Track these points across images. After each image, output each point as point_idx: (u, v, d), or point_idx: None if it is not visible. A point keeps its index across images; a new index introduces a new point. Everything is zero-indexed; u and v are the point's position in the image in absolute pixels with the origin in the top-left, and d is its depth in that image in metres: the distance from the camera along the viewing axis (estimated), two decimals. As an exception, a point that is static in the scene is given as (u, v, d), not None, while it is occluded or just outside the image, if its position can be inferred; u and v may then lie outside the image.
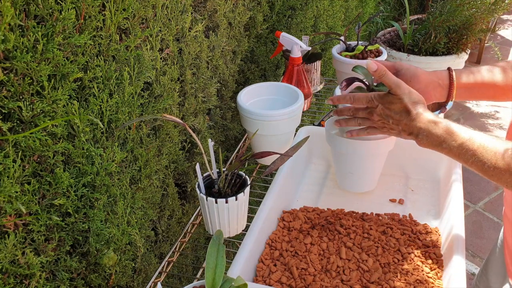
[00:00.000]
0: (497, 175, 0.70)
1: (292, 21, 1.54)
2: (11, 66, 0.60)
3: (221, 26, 1.15)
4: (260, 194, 1.12)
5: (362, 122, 0.87)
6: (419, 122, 0.77)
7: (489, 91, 0.89)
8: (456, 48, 2.77)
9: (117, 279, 0.89)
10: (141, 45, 0.86)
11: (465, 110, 3.17)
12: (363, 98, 0.85)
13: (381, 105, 0.82)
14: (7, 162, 0.61)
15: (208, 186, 0.90)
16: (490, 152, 0.70)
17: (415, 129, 0.78)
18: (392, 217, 0.96)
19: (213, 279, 0.61)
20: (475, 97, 0.93)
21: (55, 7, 0.64)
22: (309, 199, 1.04)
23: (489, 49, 3.71)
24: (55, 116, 0.68)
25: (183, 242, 0.98)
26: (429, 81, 0.89)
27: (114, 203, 0.84)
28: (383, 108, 0.81)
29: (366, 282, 0.81)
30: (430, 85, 0.89)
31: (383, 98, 0.82)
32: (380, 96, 0.82)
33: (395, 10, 3.24)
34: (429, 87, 0.89)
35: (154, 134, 0.96)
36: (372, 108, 0.84)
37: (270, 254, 0.87)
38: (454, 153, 0.74)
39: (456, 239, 0.82)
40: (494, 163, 0.69)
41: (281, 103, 1.15)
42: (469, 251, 2.06)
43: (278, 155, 0.83)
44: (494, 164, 0.69)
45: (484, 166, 0.70)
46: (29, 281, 0.69)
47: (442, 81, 0.89)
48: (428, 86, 0.89)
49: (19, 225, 0.66)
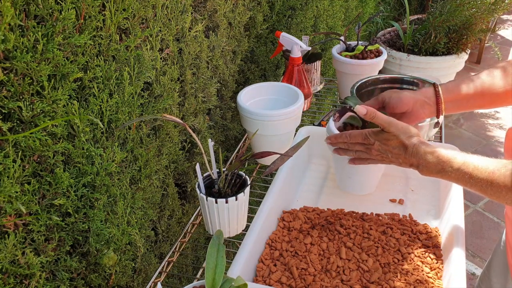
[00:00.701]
0: (495, 193, 0.72)
1: (292, 21, 1.54)
2: (11, 66, 0.60)
3: (221, 26, 1.15)
4: (260, 194, 1.12)
5: (360, 154, 0.89)
6: (417, 154, 0.80)
7: (491, 97, 0.90)
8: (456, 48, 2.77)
9: (117, 279, 0.89)
10: (141, 45, 0.86)
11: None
12: (358, 135, 0.87)
13: (378, 142, 0.84)
14: (7, 162, 0.61)
15: (208, 186, 0.90)
16: (483, 172, 0.72)
17: (414, 162, 0.81)
18: (392, 217, 0.96)
19: (213, 279, 0.61)
20: (476, 106, 0.94)
21: (55, 7, 0.64)
22: (309, 199, 1.04)
23: (489, 49, 3.71)
24: (55, 116, 0.68)
25: (183, 242, 0.98)
26: (415, 101, 0.91)
27: (114, 203, 0.84)
28: (381, 144, 0.84)
29: (366, 282, 0.81)
30: (416, 105, 0.91)
31: (378, 135, 0.84)
32: (375, 133, 0.85)
33: (395, 10, 3.24)
34: (416, 106, 0.91)
35: (154, 134, 0.96)
36: (369, 144, 0.86)
37: (270, 254, 0.87)
38: (454, 178, 0.76)
39: (456, 239, 0.82)
40: (489, 182, 0.71)
41: (281, 103, 1.15)
42: (469, 251, 2.06)
43: (278, 155, 0.83)
44: (490, 183, 0.71)
45: (482, 187, 0.72)
46: (29, 281, 0.69)
47: (428, 99, 0.92)
48: (414, 106, 0.91)
49: (19, 225, 0.66)
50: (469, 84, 0.90)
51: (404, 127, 0.82)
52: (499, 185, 0.70)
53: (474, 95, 0.90)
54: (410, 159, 0.81)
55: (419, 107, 0.91)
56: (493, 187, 0.71)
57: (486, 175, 0.72)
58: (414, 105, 0.91)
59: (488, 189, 0.72)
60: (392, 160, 0.84)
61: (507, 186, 0.69)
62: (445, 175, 0.77)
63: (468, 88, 0.90)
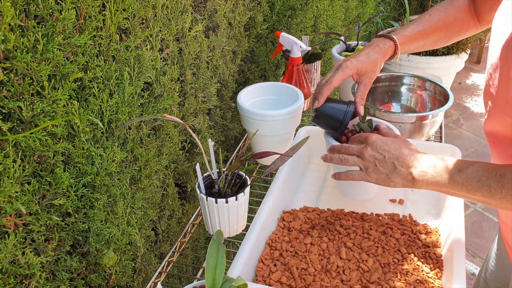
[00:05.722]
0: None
1: (292, 21, 1.54)
2: (11, 66, 0.61)
3: (221, 26, 1.15)
4: (260, 194, 1.12)
5: (350, 161, 0.87)
6: (419, 158, 0.80)
7: (445, 24, 0.99)
8: (456, 48, 2.77)
9: (117, 279, 0.89)
10: (141, 45, 0.86)
11: (465, 110, 3.17)
12: (356, 137, 0.90)
13: (378, 140, 0.84)
14: (7, 162, 0.61)
15: (208, 186, 0.90)
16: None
17: (411, 164, 0.80)
18: (392, 217, 0.96)
19: (213, 279, 0.61)
20: (432, 39, 1.01)
21: (55, 7, 0.64)
22: (309, 199, 1.04)
23: (489, 49, 3.71)
24: (55, 116, 0.68)
25: (183, 242, 0.98)
26: (376, 62, 0.98)
27: (114, 203, 0.84)
28: (381, 144, 0.83)
29: (366, 282, 0.81)
30: (378, 63, 0.99)
31: (379, 137, 0.86)
32: (377, 135, 0.87)
33: (395, 10, 3.24)
34: (377, 65, 0.99)
35: (154, 134, 0.96)
36: (366, 145, 0.84)
37: (270, 254, 0.87)
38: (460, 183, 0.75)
39: (456, 239, 0.82)
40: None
41: (281, 103, 1.15)
42: (469, 251, 2.06)
43: (278, 155, 0.83)
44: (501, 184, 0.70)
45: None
46: (29, 281, 0.69)
47: (384, 52, 0.98)
48: (375, 64, 0.98)
49: (19, 225, 0.66)
50: (420, 21, 1.00)
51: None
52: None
53: (427, 30, 0.99)
54: (413, 162, 0.78)
55: (376, 65, 0.98)
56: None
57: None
58: (372, 65, 0.97)
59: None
60: (385, 166, 0.81)
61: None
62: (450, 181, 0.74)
63: (419, 25, 0.99)
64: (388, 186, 0.81)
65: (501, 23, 0.71)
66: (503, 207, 0.69)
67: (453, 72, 2.95)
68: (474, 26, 0.99)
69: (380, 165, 0.81)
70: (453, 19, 0.98)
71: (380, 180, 0.82)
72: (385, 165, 0.80)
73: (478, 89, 3.42)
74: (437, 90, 1.22)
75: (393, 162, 0.79)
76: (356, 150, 0.85)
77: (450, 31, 1.00)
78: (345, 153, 0.87)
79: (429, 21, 0.99)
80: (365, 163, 0.83)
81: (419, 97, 1.27)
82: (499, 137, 0.75)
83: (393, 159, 0.80)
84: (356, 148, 0.85)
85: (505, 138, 0.73)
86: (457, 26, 0.98)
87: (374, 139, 0.83)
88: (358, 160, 0.84)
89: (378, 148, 0.82)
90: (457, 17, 0.97)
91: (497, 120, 0.73)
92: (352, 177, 0.86)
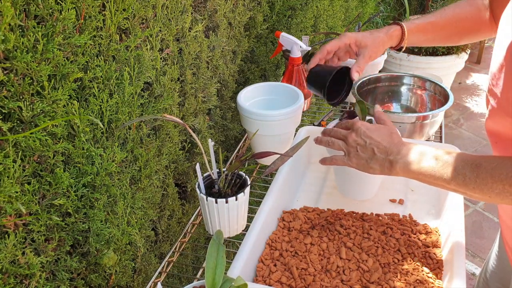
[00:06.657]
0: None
1: (292, 21, 1.54)
2: (11, 66, 0.60)
3: (221, 26, 1.15)
4: (260, 194, 1.12)
5: (336, 145, 0.88)
6: (403, 145, 0.81)
7: (465, 23, 0.99)
8: (456, 48, 2.77)
9: (117, 279, 0.89)
10: (141, 45, 0.86)
11: (465, 110, 3.17)
12: (344, 123, 0.91)
13: (363, 127, 0.85)
14: (7, 162, 0.61)
15: (208, 186, 0.90)
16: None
17: (394, 151, 0.81)
18: (392, 217, 0.96)
19: (213, 279, 0.61)
20: (443, 36, 1.03)
21: (55, 7, 0.64)
22: (309, 199, 1.04)
23: (489, 49, 3.71)
24: (55, 116, 0.68)
25: (183, 242, 0.98)
26: (374, 37, 1.01)
27: (114, 203, 0.84)
28: (365, 130, 0.84)
29: (366, 282, 0.81)
30: (376, 40, 1.02)
31: (365, 124, 0.87)
32: (363, 122, 0.88)
33: (395, 10, 3.24)
34: (376, 42, 1.02)
35: (154, 134, 0.96)
36: (352, 130, 0.86)
37: (270, 254, 0.87)
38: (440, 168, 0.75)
39: (456, 239, 0.82)
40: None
41: (281, 103, 1.15)
42: (469, 251, 2.06)
43: (278, 155, 0.83)
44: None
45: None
46: (29, 281, 0.69)
47: (390, 34, 1.01)
48: (374, 41, 1.02)
49: (19, 225, 0.66)
50: (433, 14, 1.01)
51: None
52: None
53: (439, 23, 1.00)
54: (392, 148, 0.79)
55: (379, 43, 1.01)
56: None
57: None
58: (374, 41, 1.01)
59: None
60: (366, 151, 0.82)
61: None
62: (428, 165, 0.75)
63: (432, 16, 1.00)
64: (368, 172, 0.83)
65: (506, 23, 0.71)
66: (476, 197, 0.70)
67: (453, 72, 2.95)
68: (490, 26, 0.98)
69: (361, 150, 0.83)
70: (466, 15, 0.98)
71: (360, 165, 0.84)
72: (365, 151, 0.82)
73: (478, 89, 3.42)
74: (437, 90, 1.22)
75: (372, 148, 0.81)
76: (343, 135, 0.87)
77: (462, 27, 0.99)
78: (334, 136, 0.89)
79: (442, 14, 0.99)
80: (348, 147, 0.85)
81: (419, 97, 1.27)
82: (501, 137, 0.75)
83: (373, 145, 0.82)
84: (343, 133, 0.88)
85: (507, 139, 0.73)
86: (470, 22, 0.98)
87: (359, 125, 0.85)
88: (343, 144, 0.86)
89: (361, 134, 0.84)
90: (472, 14, 0.97)
91: (500, 120, 0.73)
92: (335, 162, 0.89)
